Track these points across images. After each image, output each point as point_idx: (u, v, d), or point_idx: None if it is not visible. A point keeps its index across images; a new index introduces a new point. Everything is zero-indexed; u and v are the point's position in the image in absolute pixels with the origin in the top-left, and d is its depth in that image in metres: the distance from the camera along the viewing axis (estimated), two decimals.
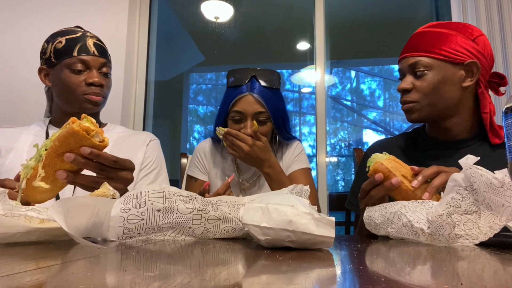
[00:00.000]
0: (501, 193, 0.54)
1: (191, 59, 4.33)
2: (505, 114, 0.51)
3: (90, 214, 0.56)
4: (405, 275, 0.34)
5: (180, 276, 0.31)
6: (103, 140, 0.70)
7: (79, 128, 0.67)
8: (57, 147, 0.68)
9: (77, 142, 0.67)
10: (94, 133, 0.69)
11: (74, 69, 1.11)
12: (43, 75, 1.16)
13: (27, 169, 0.69)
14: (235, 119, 1.20)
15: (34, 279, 0.29)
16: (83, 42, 1.13)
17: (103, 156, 0.71)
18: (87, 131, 0.68)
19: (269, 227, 0.50)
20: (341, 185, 5.68)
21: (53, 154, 0.68)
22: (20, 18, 2.18)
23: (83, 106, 1.12)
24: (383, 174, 0.77)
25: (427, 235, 0.61)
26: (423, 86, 0.99)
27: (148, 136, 1.27)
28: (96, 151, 0.69)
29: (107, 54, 1.18)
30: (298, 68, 4.38)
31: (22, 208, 0.56)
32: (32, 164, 0.69)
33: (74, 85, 1.10)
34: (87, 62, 1.11)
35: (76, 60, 1.11)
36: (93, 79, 1.10)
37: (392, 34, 3.83)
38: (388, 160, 0.79)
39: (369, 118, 5.58)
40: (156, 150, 1.25)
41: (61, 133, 0.68)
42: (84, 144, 0.68)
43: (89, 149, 0.68)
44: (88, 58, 1.11)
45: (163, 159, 1.27)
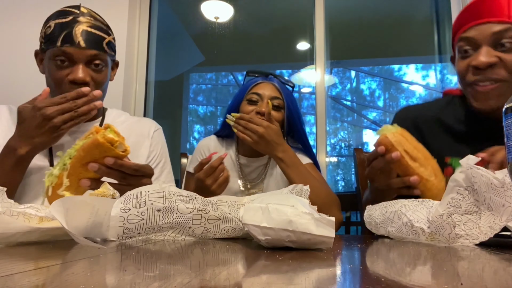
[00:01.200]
0: (502, 193, 0.54)
1: (191, 59, 4.33)
2: (505, 114, 0.51)
3: (90, 214, 0.56)
4: (405, 275, 0.34)
5: (180, 276, 0.31)
6: (125, 149, 0.74)
7: (104, 140, 0.70)
8: (82, 157, 0.71)
9: (102, 153, 0.71)
10: (118, 143, 0.72)
11: (57, 62, 0.96)
12: (38, 59, 1.04)
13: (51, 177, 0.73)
14: (252, 99, 1.22)
15: (34, 279, 0.29)
16: (70, 30, 0.95)
17: (126, 165, 0.74)
18: (111, 142, 0.71)
19: (269, 227, 0.50)
20: (341, 185, 5.68)
21: (78, 164, 0.72)
22: (19, 18, 2.18)
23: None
24: (385, 147, 0.78)
25: (427, 234, 0.61)
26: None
27: (152, 125, 1.21)
28: (119, 162, 0.73)
29: (100, 42, 0.99)
30: (298, 68, 4.38)
31: (20, 206, 0.56)
32: (56, 173, 0.73)
33: (56, 81, 0.96)
34: (70, 55, 0.95)
35: (58, 51, 0.95)
36: (74, 76, 0.94)
37: (392, 34, 3.83)
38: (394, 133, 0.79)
39: (369, 118, 5.58)
40: (160, 141, 1.21)
41: (85, 143, 0.71)
42: (108, 155, 0.71)
43: (112, 160, 0.71)
44: (71, 50, 0.94)
45: (166, 149, 1.23)
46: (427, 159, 0.80)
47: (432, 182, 0.77)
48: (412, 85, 5.30)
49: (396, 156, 0.76)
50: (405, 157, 0.77)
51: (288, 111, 1.24)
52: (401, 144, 0.78)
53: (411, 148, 0.78)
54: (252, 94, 1.23)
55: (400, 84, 5.52)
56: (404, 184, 0.79)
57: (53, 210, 0.50)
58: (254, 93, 1.23)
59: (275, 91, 1.23)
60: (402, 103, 5.55)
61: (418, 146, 0.80)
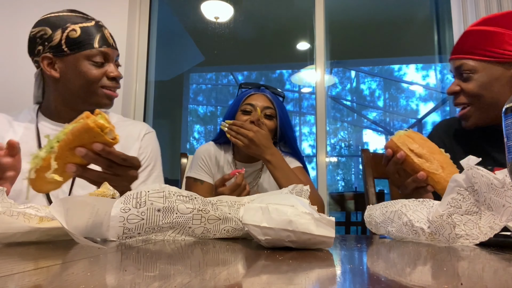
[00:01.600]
0: (502, 193, 0.54)
1: (191, 59, 4.33)
2: (505, 114, 0.51)
3: (90, 214, 0.56)
4: (405, 275, 0.34)
5: (180, 276, 0.31)
6: (114, 137, 0.72)
7: (94, 125, 0.68)
8: (70, 141, 0.69)
9: (91, 138, 0.69)
10: (108, 130, 0.70)
11: (95, 62, 1.04)
12: (46, 63, 1.05)
13: (37, 159, 0.70)
14: (246, 110, 1.31)
15: (34, 279, 0.29)
16: (102, 33, 1.07)
17: (114, 153, 0.72)
18: (101, 128, 0.69)
19: (269, 227, 0.50)
20: (341, 185, 5.68)
21: (66, 147, 0.69)
22: (19, 18, 2.18)
23: (100, 101, 1.07)
24: (392, 149, 0.83)
25: (427, 234, 0.61)
26: (469, 88, 0.96)
27: (143, 128, 1.21)
28: (108, 149, 0.70)
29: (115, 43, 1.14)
30: (298, 68, 4.38)
31: (20, 206, 0.56)
32: (42, 155, 0.70)
33: (95, 78, 1.04)
34: (108, 54, 1.06)
35: (97, 52, 1.04)
36: (115, 73, 1.07)
37: (392, 34, 3.83)
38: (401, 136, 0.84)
39: (369, 118, 5.58)
40: (151, 144, 1.19)
41: (75, 127, 0.69)
42: (97, 141, 0.69)
43: (101, 146, 0.69)
44: (108, 50, 1.07)
45: (159, 153, 1.22)
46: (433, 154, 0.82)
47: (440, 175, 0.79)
48: (412, 85, 5.30)
49: (400, 155, 0.81)
50: (410, 156, 0.81)
51: (280, 120, 1.33)
52: (406, 144, 0.82)
53: (416, 146, 0.82)
54: (246, 105, 1.31)
55: (400, 84, 5.52)
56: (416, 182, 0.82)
57: (53, 210, 0.50)
58: (247, 104, 1.31)
59: (267, 102, 1.32)
60: (402, 103, 5.56)
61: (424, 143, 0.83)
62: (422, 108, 5.13)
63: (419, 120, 4.93)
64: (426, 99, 5.13)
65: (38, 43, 1.05)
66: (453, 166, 0.82)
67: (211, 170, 1.34)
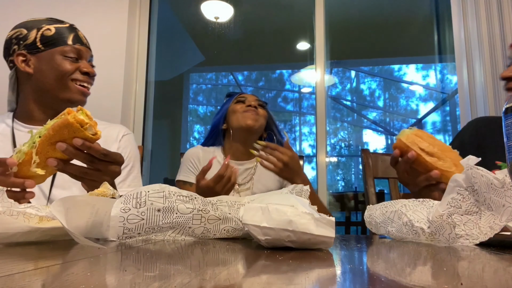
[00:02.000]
0: (502, 193, 0.54)
1: (191, 59, 4.33)
2: (505, 114, 0.51)
3: (90, 214, 0.56)
4: (405, 275, 0.34)
5: (180, 276, 0.31)
6: (96, 133, 0.73)
7: (74, 120, 0.69)
8: (51, 136, 0.70)
9: (71, 133, 0.70)
10: (88, 126, 0.71)
11: (68, 57, 1.08)
12: (20, 60, 1.08)
13: (20, 153, 0.72)
14: (240, 100, 1.39)
15: (34, 279, 0.29)
16: (75, 33, 1.12)
17: (94, 148, 0.73)
18: (81, 124, 0.70)
19: (269, 227, 0.50)
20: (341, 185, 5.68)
21: (46, 142, 0.71)
22: (19, 18, 2.18)
23: (72, 96, 1.08)
24: (401, 149, 0.82)
25: (427, 234, 0.61)
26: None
27: (121, 130, 1.22)
28: (88, 143, 0.72)
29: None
30: (298, 68, 4.38)
31: (20, 206, 0.56)
32: (25, 150, 0.72)
33: (68, 71, 1.07)
34: (81, 51, 1.10)
35: (71, 48, 1.09)
36: (88, 69, 1.10)
37: (392, 34, 3.83)
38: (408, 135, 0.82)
39: (369, 118, 5.58)
40: (129, 145, 1.21)
41: (55, 122, 0.71)
42: (77, 136, 0.70)
43: (81, 141, 0.70)
44: (82, 48, 1.11)
45: (137, 155, 1.23)
46: (444, 152, 0.81)
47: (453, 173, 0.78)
48: (412, 85, 5.30)
49: (412, 155, 0.80)
50: (421, 155, 0.80)
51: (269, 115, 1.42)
52: (415, 143, 0.81)
53: (426, 145, 0.81)
54: (239, 97, 1.40)
55: (400, 84, 5.52)
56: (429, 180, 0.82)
57: (53, 210, 0.50)
58: (240, 97, 1.41)
59: (256, 97, 1.43)
60: (402, 103, 5.56)
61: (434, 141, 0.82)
62: (422, 108, 5.13)
63: (419, 120, 4.93)
64: (426, 99, 5.12)
65: (14, 43, 1.09)
66: None
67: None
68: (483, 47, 1.86)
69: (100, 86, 2.01)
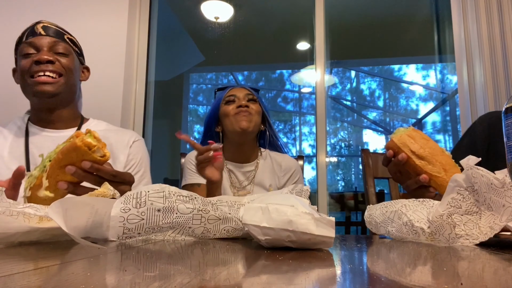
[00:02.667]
0: (502, 193, 0.54)
1: (191, 59, 4.33)
2: (505, 114, 0.51)
3: (89, 214, 0.56)
4: (405, 275, 0.34)
5: (180, 276, 0.31)
6: (104, 154, 0.74)
7: (81, 144, 0.71)
8: (60, 160, 0.72)
9: (79, 156, 0.72)
10: (96, 148, 0.72)
11: (24, 54, 1.06)
12: (16, 76, 1.13)
13: (31, 178, 0.74)
14: (229, 100, 1.32)
15: (34, 279, 0.29)
16: (32, 28, 1.09)
17: (103, 170, 0.74)
18: (89, 147, 0.71)
19: (269, 227, 0.50)
20: (341, 185, 5.68)
21: (56, 166, 0.72)
22: (19, 18, 2.18)
23: (34, 90, 1.04)
24: (393, 150, 0.81)
25: (427, 234, 0.61)
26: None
27: (132, 136, 1.22)
28: (96, 166, 0.73)
29: (60, 34, 1.12)
30: (298, 68, 4.38)
31: (19, 205, 0.56)
32: (36, 174, 0.74)
33: (24, 69, 1.04)
34: (34, 43, 1.06)
35: (24, 45, 1.07)
36: (39, 57, 1.03)
37: (392, 34, 3.83)
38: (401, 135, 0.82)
39: (369, 118, 5.58)
40: (140, 151, 1.21)
41: (64, 146, 0.72)
42: (86, 159, 0.72)
43: (89, 164, 0.72)
44: (34, 39, 1.06)
45: (148, 160, 1.23)
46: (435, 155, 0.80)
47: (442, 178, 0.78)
48: (412, 85, 5.30)
49: (402, 158, 0.79)
50: (411, 157, 0.79)
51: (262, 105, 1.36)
52: (407, 145, 0.80)
53: (417, 148, 0.80)
54: (228, 97, 1.34)
55: (400, 84, 5.52)
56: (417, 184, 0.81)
57: (51, 212, 0.50)
58: (229, 95, 1.34)
59: (246, 91, 1.36)
60: (402, 103, 5.56)
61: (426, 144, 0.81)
62: (422, 108, 5.14)
63: (419, 120, 4.93)
64: (426, 99, 5.13)
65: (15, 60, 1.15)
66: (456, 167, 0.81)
67: None
68: (483, 47, 1.86)
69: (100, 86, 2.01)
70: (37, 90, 1.04)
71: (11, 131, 1.13)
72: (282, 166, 1.37)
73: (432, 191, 0.82)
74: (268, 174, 1.35)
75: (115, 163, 1.12)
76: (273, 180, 1.34)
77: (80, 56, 1.19)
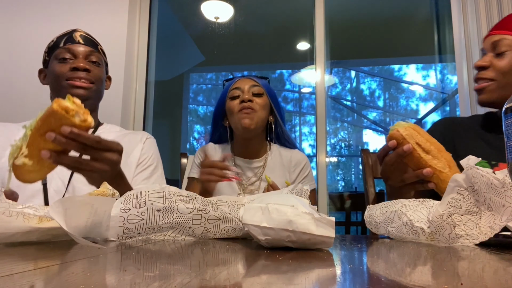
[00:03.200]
0: (502, 193, 0.54)
1: (191, 59, 4.33)
2: (505, 114, 0.51)
3: (89, 214, 0.56)
4: (405, 275, 0.34)
5: (180, 276, 0.31)
6: (85, 120, 0.69)
7: (58, 107, 0.66)
8: (39, 127, 0.68)
9: (57, 121, 0.67)
10: (74, 112, 0.68)
11: (61, 58, 1.11)
12: (42, 77, 1.19)
13: (14, 148, 0.71)
14: (234, 95, 1.30)
15: (34, 279, 0.29)
16: (70, 35, 1.15)
17: (84, 135, 0.70)
18: (66, 110, 0.67)
19: (269, 227, 0.50)
20: (341, 185, 5.68)
21: (36, 133, 0.69)
22: (20, 18, 2.18)
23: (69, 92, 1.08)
24: (397, 140, 0.77)
25: (427, 234, 0.61)
26: (501, 65, 0.97)
27: (145, 134, 1.27)
28: (76, 131, 0.68)
29: (95, 44, 1.19)
30: (298, 68, 4.38)
31: (18, 206, 0.56)
32: (19, 144, 0.70)
33: (60, 73, 1.10)
34: (72, 50, 1.12)
35: (62, 50, 1.12)
36: (77, 64, 1.10)
37: (392, 34, 3.83)
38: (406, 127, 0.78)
39: (369, 118, 5.58)
40: (153, 147, 1.25)
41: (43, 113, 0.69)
42: (64, 124, 0.68)
43: (69, 129, 0.67)
44: (72, 46, 1.13)
45: (159, 157, 1.27)
46: (440, 152, 0.78)
47: (446, 174, 0.76)
48: (412, 85, 5.30)
49: (408, 148, 0.76)
50: (417, 150, 0.76)
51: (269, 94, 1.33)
52: (413, 137, 0.77)
53: (423, 141, 0.77)
54: (233, 90, 1.31)
55: (400, 84, 5.52)
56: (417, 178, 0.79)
57: (52, 211, 0.50)
58: (234, 89, 1.31)
59: (252, 82, 1.32)
60: (402, 103, 5.56)
61: (430, 139, 0.79)
62: (422, 108, 5.13)
63: (419, 120, 4.93)
64: (426, 99, 5.13)
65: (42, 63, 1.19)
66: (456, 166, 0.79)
67: None
68: None
69: None
70: (72, 92, 1.09)
71: None
72: (292, 161, 1.37)
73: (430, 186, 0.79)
74: (278, 170, 1.34)
75: (129, 158, 1.15)
76: (283, 175, 1.34)
77: (107, 66, 1.26)
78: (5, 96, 2.08)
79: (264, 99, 1.30)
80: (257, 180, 1.32)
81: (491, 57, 0.99)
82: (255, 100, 1.27)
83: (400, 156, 0.77)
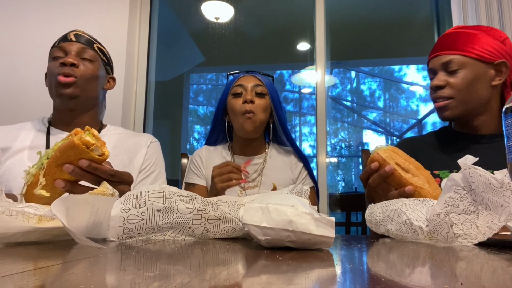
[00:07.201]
0: (500, 193, 0.54)
1: (191, 60, 4.33)
2: (505, 114, 0.51)
3: (90, 213, 0.56)
4: (405, 275, 0.34)
5: (180, 276, 0.31)
6: (103, 153, 0.73)
7: (79, 142, 0.69)
8: (57, 158, 0.71)
9: (77, 155, 0.70)
10: (94, 147, 0.71)
11: (54, 57, 1.13)
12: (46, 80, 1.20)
13: (28, 175, 0.73)
14: (236, 92, 1.28)
15: (34, 280, 0.29)
16: (65, 35, 1.17)
17: (101, 169, 0.73)
18: (87, 145, 0.70)
19: (269, 227, 0.50)
20: (341, 186, 5.68)
21: (53, 164, 0.71)
22: (20, 18, 2.18)
23: (57, 91, 1.10)
24: (378, 162, 0.83)
25: (426, 233, 0.61)
26: (457, 82, 1.03)
27: (149, 138, 1.27)
28: (94, 165, 0.72)
29: (90, 42, 1.18)
30: (299, 68, 4.38)
31: (18, 205, 0.56)
32: (33, 172, 0.73)
33: (51, 70, 1.12)
34: (64, 47, 1.14)
35: (55, 49, 1.14)
36: (65, 59, 1.09)
37: (392, 34, 3.83)
38: (385, 150, 0.84)
39: (369, 119, 5.58)
40: (156, 152, 1.26)
41: (62, 144, 0.71)
42: (83, 157, 0.71)
43: (87, 162, 0.71)
44: (65, 44, 1.14)
45: (163, 162, 1.27)
46: (419, 169, 0.84)
47: (427, 190, 0.80)
48: (412, 85, 5.30)
49: (389, 169, 0.81)
50: (397, 169, 0.82)
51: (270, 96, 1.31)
52: (392, 158, 0.83)
53: (402, 161, 0.83)
54: (236, 87, 1.29)
55: (400, 84, 5.52)
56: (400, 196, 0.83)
57: (54, 209, 0.50)
58: (237, 86, 1.29)
59: (256, 80, 1.30)
60: (402, 104, 5.56)
61: (409, 159, 0.85)
62: (423, 109, 5.13)
63: (419, 120, 4.93)
64: (426, 100, 5.12)
65: None
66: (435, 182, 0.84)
67: (203, 172, 1.34)
68: None
69: None
70: (59, 91, 1.10)
71: (34, 126, 1.18)
72: (292, 156, 1.37)
73: None
74: (279, 166, 1.34)
75: (132, 162, 1.16)
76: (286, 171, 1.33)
77: (108, 65, 1.24)
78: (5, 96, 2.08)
79: (266, 100, 1.29)
80: (258, 176, 1.32)
81: (445, 75, 1.05)
82: (257, 101, 1.25)
83: (383, 177, 0.83)
